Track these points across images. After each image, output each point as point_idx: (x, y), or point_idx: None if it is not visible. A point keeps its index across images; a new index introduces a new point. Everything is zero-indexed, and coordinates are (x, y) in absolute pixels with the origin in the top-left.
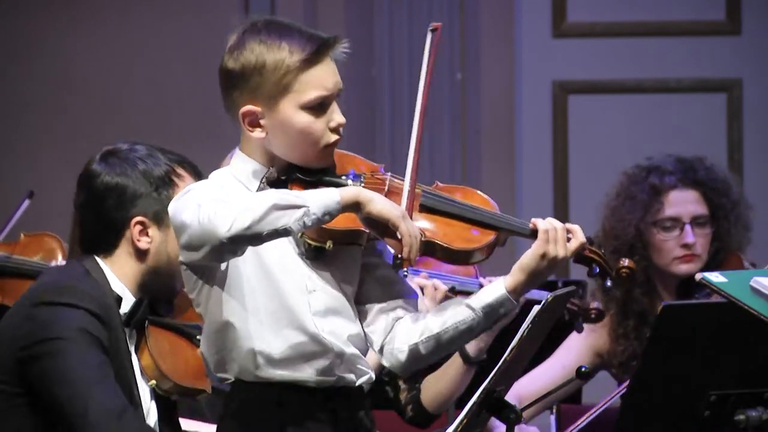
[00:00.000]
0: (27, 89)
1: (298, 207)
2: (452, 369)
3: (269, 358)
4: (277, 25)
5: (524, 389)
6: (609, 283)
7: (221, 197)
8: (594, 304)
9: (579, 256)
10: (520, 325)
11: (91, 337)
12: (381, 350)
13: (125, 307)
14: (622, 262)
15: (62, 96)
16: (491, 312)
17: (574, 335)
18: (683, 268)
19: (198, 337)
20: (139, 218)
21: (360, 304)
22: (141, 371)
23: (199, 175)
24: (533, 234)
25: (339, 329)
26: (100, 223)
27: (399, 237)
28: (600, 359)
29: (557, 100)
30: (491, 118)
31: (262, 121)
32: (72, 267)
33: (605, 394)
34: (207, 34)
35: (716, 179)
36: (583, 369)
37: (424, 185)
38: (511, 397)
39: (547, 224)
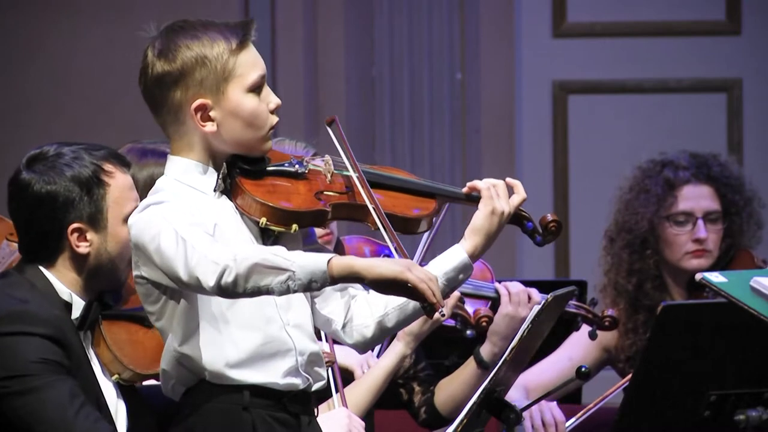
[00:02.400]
0: (27, 89)
1: (283, 270)
2: (466, 373)
3: (239, 359)
4: (197, 22)
5: (531, 381)
6: (539, 239)
7: (194, 220)
8: (608, 312)
9: (514, 214)
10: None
11: (54, 365)
12: (343, 329)
13: (76, 312)
14: (547, 217)
15: (62, 96)
16: (452, 278)
17: (582, 328)
18: (694, 263)
19: None
20: (75, 225)
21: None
22: (102, 368)
23: (128, 165)
24: (468, 197)
25: (303, 322)
26: (36, 234)
27: (417, 290)
28: (607, 354)
29: (557, 100)
30: (491, 118)
31: (212, 114)
32: (15, 282)
33: (606, 393)
34: None
35: (730, 176)
36: (583, 369)
37: (360, 163)
38: (517, 387)
39: (487, 182)
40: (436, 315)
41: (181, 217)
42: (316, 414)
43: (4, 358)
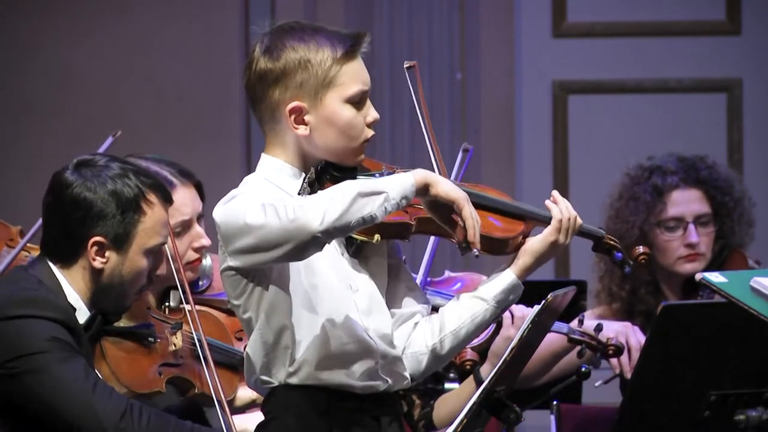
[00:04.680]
0: (27, 89)
1: (379, 193)
2: (466, 390)
3: (320, 358)
4: (308, 25)
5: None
6: (628, 270)
7: (279, 197)
8: (612, 341)
9: (600, 246)
10: None
11: (64, 344)
12: (402, 354)
13: (80, 319)
14: (638, 250)
15: (62, 96)
16: (503, 300)
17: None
18: (688, 267)
19: (150, 338)
20: (97, 238)
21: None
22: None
23: (169, 201)
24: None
25: (383, 328)
26: (61, 233)
27: (460, 222)
28: None
29: (557, 100)
30: (491, 118)
31: (306, 118)
32: (22, 277)
33: (605, 393)
34: (207, 33)
35: (718, 178)
36: (583, 369)
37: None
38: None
39: (560, 214)
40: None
41: (264, 194)
42: (400, 414)
43: (14, 340)
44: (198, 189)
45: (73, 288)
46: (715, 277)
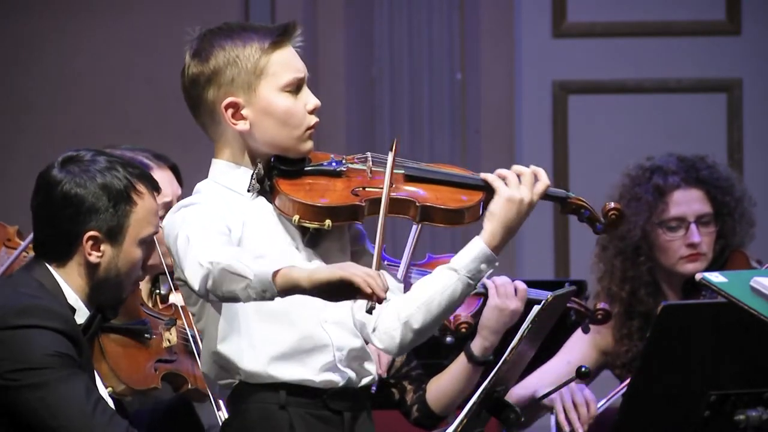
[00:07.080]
0: (27, 89)
1: (243, 278)
2: (457, 369)
3: (273, 356)
4: (236, 24)
5: (533, 386)
6: (600, 228)
7: (212, 223)
8: (600, 305)
9: (567, 206)
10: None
11: (69, 359)
12: (374, 332)
13: (79, 319)
14: (608, 205)
15: (62, 96)
16: (474, 270)
17: (579, 332)
18: (689, 267)
19: (146, 335)
20: (91, 233)
21: None
22: (100, 379)
23: (158, 190)
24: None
25: (343, 318)
26: (54, 232)
27: (355, 285)
28: (604, 357)
29: (557, 100)
30: (491, 118)
31: (244, 112)
32: (23, 280)
33: (606, 394)
34: None
35: (719, 177)
36: (583, 369)
37: (402, 159)
38: (522, 391)
39: (503, 171)
40: (373, 307)
41: (199, 218)
42: (368, 409)
43: (17, 350)
44: (174, 171)
45: (70, 287)
46: (715, 277)
